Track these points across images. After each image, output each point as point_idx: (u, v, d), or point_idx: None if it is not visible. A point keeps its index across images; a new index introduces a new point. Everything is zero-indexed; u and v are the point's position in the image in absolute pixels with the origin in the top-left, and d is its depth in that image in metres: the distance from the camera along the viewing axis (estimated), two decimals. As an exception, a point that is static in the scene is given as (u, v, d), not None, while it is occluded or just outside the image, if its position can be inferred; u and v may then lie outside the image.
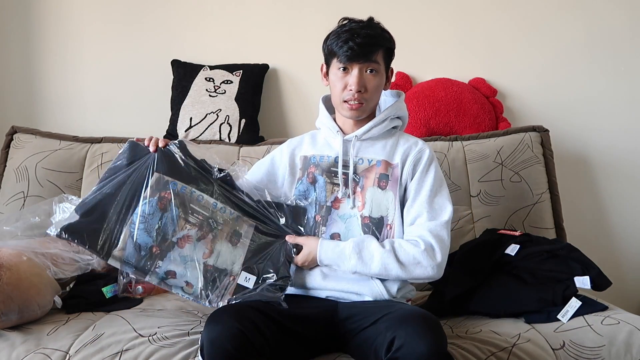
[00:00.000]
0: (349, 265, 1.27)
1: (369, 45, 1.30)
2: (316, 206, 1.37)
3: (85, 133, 2.05)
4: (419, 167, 1.36)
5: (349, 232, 1.34)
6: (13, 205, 1.84)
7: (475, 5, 2.19)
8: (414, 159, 1.37)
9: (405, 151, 1.38)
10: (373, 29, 1.34)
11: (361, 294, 1.30)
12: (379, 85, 1.35)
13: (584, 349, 1.27)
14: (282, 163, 1.45)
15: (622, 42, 2.17)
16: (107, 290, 1.41)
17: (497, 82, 2.18)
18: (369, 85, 1.33)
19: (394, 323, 1.12)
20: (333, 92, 1.38)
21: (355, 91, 1.32)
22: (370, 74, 1.32)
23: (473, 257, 1.55)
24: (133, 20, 2.23)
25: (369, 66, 1.32)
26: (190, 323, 1.40)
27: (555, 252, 1.48)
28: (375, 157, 1.37)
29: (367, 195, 1.34)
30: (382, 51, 1.34)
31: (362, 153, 1.38)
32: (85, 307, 1.44)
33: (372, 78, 1.33)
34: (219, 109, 2.05)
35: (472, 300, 1.48)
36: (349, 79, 1.32)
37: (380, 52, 1.33)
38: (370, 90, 1.33)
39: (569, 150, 2.16)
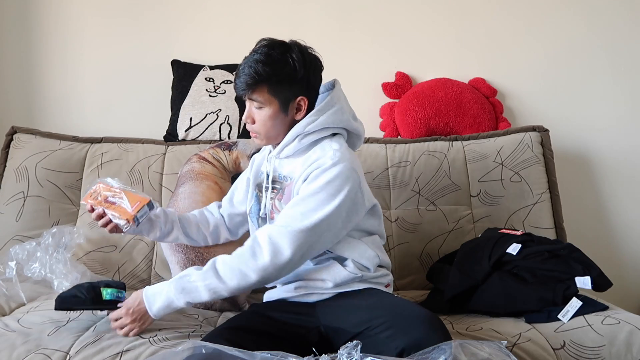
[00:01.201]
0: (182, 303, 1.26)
1: (245, 84, 1.29)
2: (255, 219, 1.42)
3: (85, 133, 2.05)
4: (309, 178, 1.29)
5: None
6: (13, 205, 1.83)
7: (475, 6, 2.19)
8: (309, 171, 1.30)
9: (309, 164, 1.31)
10: (257, 64, 1.28)
11: (324, 279, 1.31)
12: (268, 120, 1.31)
13: (585, 348, 1.27)
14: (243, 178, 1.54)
15: (622, 42, 2.17)
16: (107, 292, 1.36)
17: (497, 82, 2.18)
18: (256, 118, 1.33)
19: (396, 332, 1.11)
20: None
21: (244, 123, 1.36)
22: (256, 108, 1.32)
23: (474, 256, 1.55)
24: (133, 20, 2.23)
25: (253, 102, 1.32)
26: (190, 326, 1.40)
27: (557, 252, 1.48)
28: (291, 174, 1.36)
29: (278, 207, 1.37)
30: (267, 86, 1.29)
31: (282, 170, 1.38)
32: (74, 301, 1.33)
33: (258, 112, 1.32)
34: (219, 109, 2.05)
35: (473, 299, 1.49)
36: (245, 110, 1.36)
37: (262, 88, 1.29)
38: (258, 123, 1.33)
39: (569, 150, 2.16)
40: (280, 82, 1.30)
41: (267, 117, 1.32)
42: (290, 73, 1.30)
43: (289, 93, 1.32)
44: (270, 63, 1.29)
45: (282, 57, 1.30)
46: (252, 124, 1.34)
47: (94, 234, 1.81)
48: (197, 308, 1.58)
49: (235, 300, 1.61)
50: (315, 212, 1.24)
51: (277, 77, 1.29)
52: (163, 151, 1.96)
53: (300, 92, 1.32)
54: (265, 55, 1.29)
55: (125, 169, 1.90)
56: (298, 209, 1.26)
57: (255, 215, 1.43)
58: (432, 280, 1.69)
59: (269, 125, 1.33)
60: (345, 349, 0.97)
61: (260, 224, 1.41)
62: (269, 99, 1.31)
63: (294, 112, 1.34)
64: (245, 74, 1.29)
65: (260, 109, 1.32)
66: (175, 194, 1.74)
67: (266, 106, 1.31)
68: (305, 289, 1.34)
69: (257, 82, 1.29)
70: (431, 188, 1.86)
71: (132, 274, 1.79)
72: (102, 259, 1.80)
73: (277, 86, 1.30)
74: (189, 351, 0.97)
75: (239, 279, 1.23)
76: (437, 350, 0.96)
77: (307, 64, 1.31)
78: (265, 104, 1.31)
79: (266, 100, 1.31)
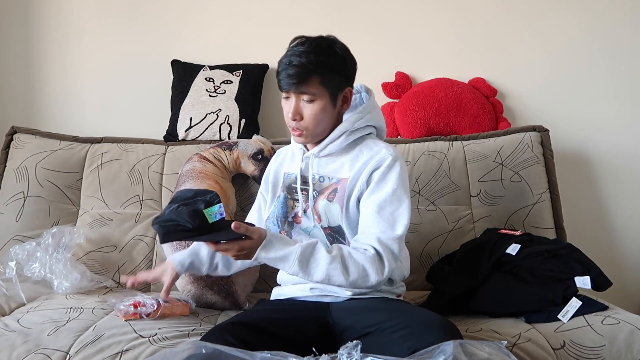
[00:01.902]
0: (290, 270, 1.20)
1: (299, 75, 1.25)
2: (279, 222, 1.38)
3: (85, 133, 2.05)
4: (374, 177, 1.30)
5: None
6: (13, 205, 1.84)
7: (475, 5, 2.19)
8: (371, 169, 1.31)
9: (364, 162, 1.32)
10: (309, 55, 1.26)
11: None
12: (319, 113, 1.29)
13: (585, 348, 1.27)
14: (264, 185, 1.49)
15: (622, 42, 2.17)
16: (210, 212, 1.17)
17: (497, 82, 2.18)
18: (306, 113, 1.29)
19: (411, 333, 1.11)
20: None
21: (291, 119, 1.30)
22: (306, 102, 1.28)
23: (473, 257, 1.55)
24: (133, 20, 2.23)
25: (303, 95, 1.28)
26: (190, 325, 1.40)
27: (556, 252, 1.48)
28: (333, 174, 1.35)
29: (320, 208, 1.34)
30: (319, 78, 1.27)
31: (322, 170, 1.36)
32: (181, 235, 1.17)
33: (308, 106, 1.28)
34: (219, 109, 2.05)
35: (473, 299, 1.49)
36: (287, 106, 1.31)
37: (315, 79, 1.26)
38: (307, 118, 1.29)
39: (569, 150, 2.16)
40: (331, 72, 1.29)
41: (319, 111, 1.29)
42: (339, 63, 1.30)
43: (338, 84, 1.31)
44: (321, 53, 1.28)
45: (329, 47, 1.30)
46: (300, 120, 1.30)
47: (94, 234, 1.81)
48: (198, 307, 1.58)
49: (236, 300, 1.61)
50: (402, 210, 1.27)
51: (329, 67, 1.28)
52: (163, 151, 1.96)
53: (346, 83, 1.33)
54: (313, 46, 1.28)
55: (125, 169, 1.90)
56: (387, 210, 1.26)
57: (278, 220, 1.39)
58: (432, 281, 1.69)
59: (319, 120, 1.30)
60: (345, 349, 0.96)
61: (286, 228, 1.38)
62: (321, 90, 1.28)
63: (341, 105, 1.34)
64: (295, 65, 1.25)
65: (311, 102, 1.29)
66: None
67: (318, 99, 1.28)
68: (321, 290, 1.33)
69: (310, 73, 1.26)
70: (431, 188, 1.86)
71: (132, 274, 1.79)
72: (102, 259, 1.80)
73: (329, 76, 1.29)
74: (189, 351, 0.97)
75: (359, 277, 1.21)
76: (437, 350, 0.96)
77: (349, 55, 1.33)
78: (317, 96, 1.28)
79: (318, 92, 1.28)
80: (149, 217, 1.85)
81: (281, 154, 1.50)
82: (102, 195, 1.88)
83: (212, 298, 1.60)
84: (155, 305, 1.42)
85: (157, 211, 1.86)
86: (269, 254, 1.18)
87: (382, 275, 1.22)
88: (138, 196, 1.88)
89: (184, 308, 1.49)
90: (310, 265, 1.20)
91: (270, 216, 1.40)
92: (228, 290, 1.60)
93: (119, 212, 1.86)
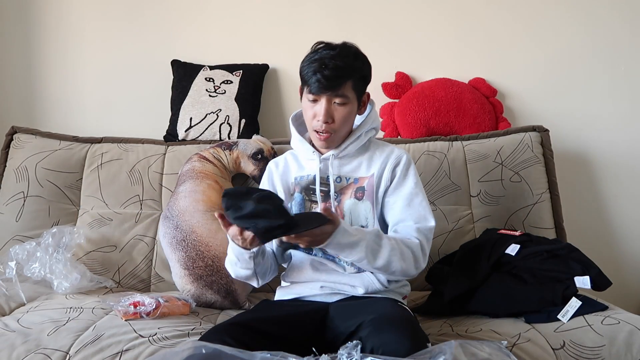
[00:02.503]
0: (355, 257, 1.23)
1: (336, 78, 1.28)
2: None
3: (85, 133, 2.05)
4: (397, 173, 1.37)
5: None
6: (13, 205, 1.83)
7: (475, 5, 2.19)
8: (392, 165, 1.37)
9: (383, 160, 1.38)
10: (343, 59, 1.29)
11: (354, 285, 1.32)
12: (348, 115, 1.34)
13: (584, 348, 1.27)
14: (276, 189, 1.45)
15: (622, 42, 2.17)
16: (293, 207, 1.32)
17: (497, 82, 2.18)
18: (337, 116, 1.32)
19: (372, 331, 1.13)
20: (305, 118, 1.38)
21: (323, 122, 1.31)
22: (338, 105, 1.31)
23: (473, 258, 1.55)
24: (133, 20, 2.23)
25: (336, 98, 1.30)
26: (190, 324, 1.40)
27: (556, 252, 1.48)
28: (352, 174, 1.38)
29: (345, 208, 1.35)
30: (352, 82, 1.31)
31: (340, 171, 1.38)
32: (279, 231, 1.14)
33: (340, 109, 1.31)
34: (219, 109, 2.05)
35: (472, 300, 1.48)
36: (317, 109, 1.31)
37: (349, 83, 1.31)
38: (338, 121, 1.32)
39: (569, 150, 2.16)
40: (360, 77, 1.34)
41: (349, 114, 1.33)
42: (366, 69, 1.35)
43: (362, 89, 1.36)
44: (353, 58, 1.32)
45: (357, 53, 1.34)
46: (331, 123, 1.32)
47: (94, 234, 1.81)
48: (198, 306, 1.59)
49: (235, 299, 1.61)
50: (426, 203, 1.35)
51: (360, 72, 1.33)
52: (163, 151, 1.96)
53: (366, 88, 1.38)
54: (345, 52, 1.31)
55: (125, 169, 1.90)
56: (416, 202, 1.33)
57: None
58: (431, 282, 1.69)
59: (348, 123, 1.35)
60: (345, 349, 0.97)
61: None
62: (352, 94, 1.32)
63: (360, 109, 1.38)
64: (332, 68, 1.28)
65: (344, 106, 1.31)
66: (175, 192, 1.74)
67: (349, 102, 1.32)
68: (331, 289, 1.34)
69: (345, 77, 1.29)
70: (431, 188, 1.86)
71: (132, 274, 1.80)
72: (102, 259, 1.80)
73: (358, 81, 1.33)
74: (189, 351, 0.97)
75: (410, 265, 1.27)
76: (437, 350, 0.96)
77: (369, 62, 1.37)
78: (349, 100, 1.32)
79: (350, 95, 1.32)
80: (149, 217, 1.85)
81: (280, 163, 1.48)
82: (102, 195, 1.88)
83: (212, 297, 1.60)
84: (154, 305, 1.42)
85: (157, 211, 1.86)
86: (343, 239, 1.20)
87: (424, 263, 1.30)
88: (138, 196, 1.88)
89: (184, 307, 1.49)
90: (376, 252, 1.24)
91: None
92: (228, 290, 1.60)
93: (119, 212, 1.86)
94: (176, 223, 1.65)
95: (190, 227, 1.63)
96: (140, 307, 1.41)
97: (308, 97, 1.33)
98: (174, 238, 1.64)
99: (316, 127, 1.33)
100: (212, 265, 1.59)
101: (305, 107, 1.35)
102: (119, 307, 1.41)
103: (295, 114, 1.47)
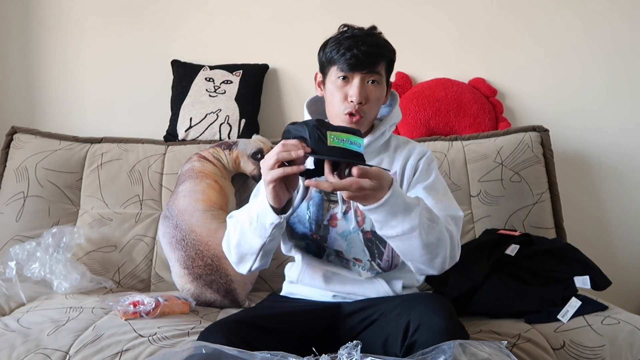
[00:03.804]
0: (408, 224, 1.07)
1: (373, 55, 1.21)
2: (313, 225, 1.28)
3: (85, 133, 2.05)
4: (419, 165, 1.29)
5: (351, 250, 1.28)
6: (13, 206, 1.83)
7: (475, 5, 2.19)
8: (414, 160, 1.29)
9: (405, 156, 1.30)
10: (377, 39, 1.25)
11: (366, 295, 1.28)
12: (380, 98, 1.26)
13: (585, 349, 1.27)
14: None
15: (622, 42, 2.17)
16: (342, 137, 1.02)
17: (497, 82, 2.18)
18: (371, 96, 1.23)
19: (405, 308, 1.11)
20: (331, 103, 1.26)
21: (357, 102, 1.21)
22: (372, 84, 1.23)
23: (473, 258, 1.55)
24: (133, 20, 2.23)
25: (371, 77, 1.22)
26: (190, 322, 1.40)
27: (555, 251, 1.48)
28: None
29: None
30: (385, 62, 1.25)
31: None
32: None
33: (374, 89, 1.23)
34: (219, 109, 2.05)
35: (472, 300, 1.48)
36: (349, 89, 1.22)
37: (383, 63, 1.25)
38: (372, 102, 1.23)
39: (569, 150, 2.16)
40: (390, 61, 1.27)
41: (380, 96, 1.26)
42: (394, 55, 1.29)
43: (390, 74, 1.29)
44: (385, 40, 1.26)
45: (385, 38, 1.27)
46: (364, 104, 1.23)
47: (94, 234, 1.81)
48: (197, 305, 1.59)
49: (235, 298, 1.61)
50: (450, 193, 1.30)
51: (392, 55, 1.27)
52: (163, 151, 1.96)
53: (391, 75, 1.30)
54: (377, 32, 1.26)
55: (125, 169, 1.90)
56: (441, 192, 1.26)
57: (312, 223, 1.28)
58: (431, 283, 1.69)
59: (378, 107, 1.28)
60: (345, 349, 0.96)
61: (321, 232, 1.28)
62: (384, 75, 1.26)
63: (385, 96, 1.30)
64: (370, 45, 1.21)
65: (377, 86, 1.24)
66: (175, 192, 1.74)
67: (381, 84, 1.25)
68: (343, 297, 1.30)
69: (380, 55, 1.23)
70: (431, 188, 1.85)
71: (132, 274, 1.80)
72: (102, 259, 1.80)
73: (390, 63, 1.27)
74: (189, 351, 0.97)
75: (450, 252, 1.16)
76: (437, 350, 0.96)
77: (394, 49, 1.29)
78: (382, 81, 1.25)
79: (384, 75, 1.26)
80: (149, 217, 1.85)
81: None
82: (102, 195, 1.88)
83: (212, 296, 1.60)
84: (154, 304, 1.42)
85: (157, 211, 1.86)
86: (399, 199, 1.05)
87: (458, 255, 1.21)
88: (138, 196, 1.88)
89: (184, 306, 1.50)
90: (431, 222, 1.11)
91: (300, 218, 1.29)
92: (227, 289, 1.60)
93: (119, 212, 1.86)
94: (175, 222, 1.65)
95: (190, 227, 1.63)
96: (140, 307, 1.41)
97: (338, 77, 1.22)
98: (173, 237, 1.64)
99: (349, 109, 1.22)
100: (212, 265, 1.59)
101: (332, 90, 1.24)
102: (118, 307, 1.41)
103: (311, 100, 1.38)
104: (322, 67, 1.29)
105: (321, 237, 1.29)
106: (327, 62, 1.26)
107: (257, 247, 1.17)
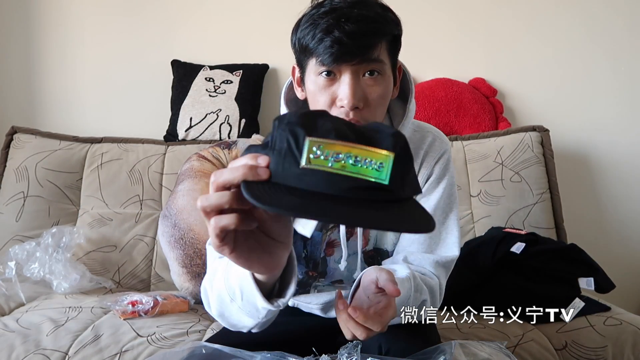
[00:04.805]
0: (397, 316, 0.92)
1: (365, 35, 0.83)
2: (309, 263, 1.05)
3: (85, 133, 2.05)
4: (434, 173, 1.02)
5: (351, 274, 1.08)
6: (13, 205, 1.83)
7: (475, 5, 2.19)
8: (430, 163, 1.01)
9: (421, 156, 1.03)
10: (369, 8, 0.87)
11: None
12: (385, 95, 0.90)
13: (587, 349, 1.27)
14: None
15: (622, 42, 2.17)
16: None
17: (497, 82, 2.18)
18: (371, 96, 0.88)
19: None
20: (314, 106, 0.93)
21: (350, 107, 0.86)
22: (371, 78, 0.87)
23: (478, 254, 1.55)
24: (133, 20, 2.23)
25: (367, 67, 0.87)
26: (189, 321, 1.40)
27: (561, 252, 1.48)
28: None
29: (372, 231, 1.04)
30: (386, 42, 0.88)
31: None
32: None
33: (374, 85, 0.88)
34: (219, 109, 2.05)
35: (476, 297, 1.48)
36: (337, 90, 0.87)
37: (384, 44, 0.87)
38: (373, 103, 0.88)
39: (569, 150, 2.15)
40: (393, 38, 0.90)
41: (386, 92, 0.90)
42: (398, 27, 0.92)
43: (395, 58, 0.93)
44: (382, 8, 0.89)
45: (382, 5, 0.91)
46: (363, 108, 0.88)
47: (94, 234, 1.81)
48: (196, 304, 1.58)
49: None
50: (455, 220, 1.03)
51: (394, 29, 0.90)
52: (163, 151, 1.96)
53: (397, 56, 0.94)
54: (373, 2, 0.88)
55: (125, 169, 1.90)
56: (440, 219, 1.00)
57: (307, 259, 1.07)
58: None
59: (384, 105, 0.91)
60: (345, 349, 0.96)
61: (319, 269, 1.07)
62: (387, 61, 0.89)
63: (393, 87, 0.94)
64: (357, 20, 0.82)
65: (379, 79, 0.88)
66: (174, 191, 1.74)
67: (385, 74, 0.89)
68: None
69: (378, 33, 0.86)
70: (431, 188, 1.85)
71: (132, 274, 1.79)
72: (102, 259, 1.79)
73: (394, 41, 0.90)
74: (189, 351, 0.97)
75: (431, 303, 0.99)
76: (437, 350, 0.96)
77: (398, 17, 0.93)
78: (383, 70, 0.89)
79: (386, 62, 0.89)
80: (149, 217, 1.85)
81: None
82: (102, 195, 1.87)
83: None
84: (152, 303, 1.41)
85: (157, 211, 1.86)
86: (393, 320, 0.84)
87: (440, 301, 1.03)
88: (138, 196, 1.87)
89: (183, 304, 1.49)
90: (415, 299, 0.92)
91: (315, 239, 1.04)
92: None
93: (119, 212, 1.86)
94: (174, 221, 1.65)
95: (188, 226, 1.63)
96: (139, 306, 1.41)
97: (318, 73, 0.88)
98: (172, 236, 1.64)
99: (341, 117, 0.86)
100: (212, 265, 1.59)
101: (313, 92, 0.90)
102: (117, 306, 1.41)
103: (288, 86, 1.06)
104: (298, 60, 0.96)
105: (320, 272, 1.07)
106: (301, 52, 0.92)
107: (249, 325, 0.85)
